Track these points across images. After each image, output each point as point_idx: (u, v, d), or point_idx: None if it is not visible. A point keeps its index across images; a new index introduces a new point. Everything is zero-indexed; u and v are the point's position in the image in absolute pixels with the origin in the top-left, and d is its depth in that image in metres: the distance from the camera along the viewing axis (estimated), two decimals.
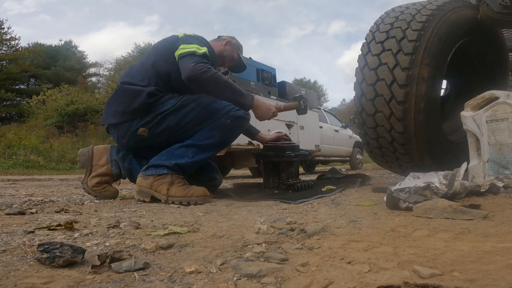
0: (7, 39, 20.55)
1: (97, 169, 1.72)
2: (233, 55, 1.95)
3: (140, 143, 1.67)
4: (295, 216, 1.10)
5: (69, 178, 5.40)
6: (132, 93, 1.59)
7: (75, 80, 22.01)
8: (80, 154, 1.76)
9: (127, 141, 1.67)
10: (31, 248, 0.70)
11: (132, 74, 1.69)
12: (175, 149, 1.60)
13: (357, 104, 1.84)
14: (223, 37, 1.99)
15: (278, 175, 1.93)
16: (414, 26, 1.67)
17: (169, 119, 1.59)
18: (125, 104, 1.60)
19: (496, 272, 0.50)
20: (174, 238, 0.83)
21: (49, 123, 14.34)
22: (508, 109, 1.42)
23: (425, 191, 1.13)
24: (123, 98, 1.62)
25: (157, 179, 1.53)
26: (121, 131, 1.65)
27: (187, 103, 1.61)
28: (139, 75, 1.65)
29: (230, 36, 2.01)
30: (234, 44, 1.95)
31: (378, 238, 0.75)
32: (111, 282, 0.54)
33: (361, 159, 8.52)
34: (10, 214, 1.19)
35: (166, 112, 1.59)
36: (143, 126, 1.60)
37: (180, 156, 1.58)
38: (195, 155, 1.60)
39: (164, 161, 1.56)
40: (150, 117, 1.59)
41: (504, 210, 0.99)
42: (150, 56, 1.71)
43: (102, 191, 1.70)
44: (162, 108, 1.59)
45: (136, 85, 1.61)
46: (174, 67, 1.59)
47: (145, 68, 1.66)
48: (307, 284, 0.51)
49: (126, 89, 1.62)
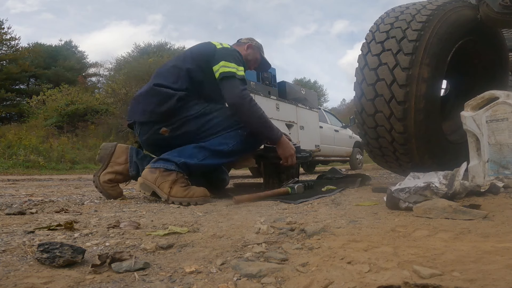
0: (7, 39, 20.54)
1: (113, 166, 1.74)
2: (256, 57, 2.04)
3: (159, 142, 1.73)
4: (295, 216, 1.10)
5: (69, 178, 5.40)
6: (164, 96, 1.65)
7: (75, 80, 21.99)
8: (103, 148, 1.78)
9: (147, 138, 1.73)
10: (31, 248, 0.70)
11: (165, 75, 1.75)
12: (188, 149, 1.65)
13: (357, 104, 1.84)
14: (242, 40, 2.07)
15: (278, 176, 1.94)
16: (414, 26, 1.67)
17: (191, 123, 1.67)
18: (154, 105, 1.66)
19: (496, 272, 0.50)
20: (174, 238, 0.83)
21: (49, 123, 14.32)
22: (508, 109, 1.42)
23: (425, 191, 1.13)
24: (154, 99, 1.68)
25: (163, 174, 1.55)
26: (144, 128, 1.72)
27: (210, 112, 1.69)
28: (172, 77, 1.72)
29: (249, 38, 2.08)
30: (255, 46, 2.03)
31: (378, 238, 0.75)
32: (111, 282, 0.54)
33: (361, 159, 8.52)
34: (10, 214, 1.19)
35: (190, 117, 1.66)
36: (166, 126, 1.67)
37: (190, 156, 1.62)
38: (205, 158, 1.64)
39: (174, 157, 1.60)
40: (175, 119, 1.66)
41: (504, 210, 0.99)
42: (186, 61, 1.76)
43: (110, 189, 1.72)
44: (187, 113, 1.66)
45: (169, 87, 1.67)
46: (208, 78, 1.70)
47: (179, 71, 1.72)
48: (307, 284, 0.51)
49: (158, 91, 1.68)
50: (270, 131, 1.73)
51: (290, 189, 1.65)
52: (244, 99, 1.63)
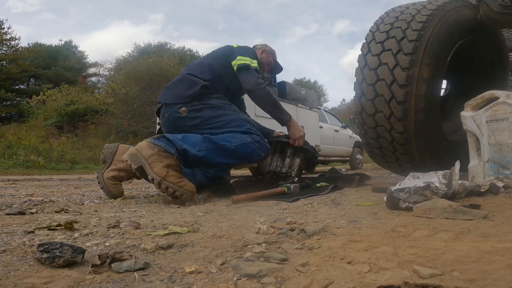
0: (7, 39, 20.54)
1: (117, 163, 1.78)
2: (270, 60, 2.32)
3: (176, 122, 1.88)
4: (295, 216, 1.10)
5: (69, 178, 5.40)
6: (191, 82, 1.89)
7: (75, 80, 21.98)
8: (106, 148, 1.87)
9: (168, 117, 1.91)
10: (31, 248, 0.70)
11: (193, 68, 2.01)
12: (193, 136, 1.72)
13: (357, 104, 1.84)
14: (257, 46, 2.34)
15: (283, 160, 2.06)
16: (414, 26, 1.67)
17: (207, 111, 1.84)
18: (182, 89, 1.89)
19: (496, 272, 0.50)
20: (174, 238, 0.83)
21: (49, 123, 14.32)
22: (508, 109, 1.42)
23: (425, 191, 1.13)
24: (182, 85, 1.91)
25: (161, 154, 1.55)
26: (168, 108, 1.90)
27: (226, 108, 1.89)
28: (198, 69, 1.97)
29: (263, 44, 2.37)
30: (268, 51, 2.31)
31: (378, 238, 0.75)
32: (111, 282, 0.54)
33: (361, 159, 8.52)
34: (10, 214, 1.19)
35: (208, 105, 1.85)
36: (186, 107, 1.85)
37: (193, 144, 1.66)
38: (206, 150, 1.68)
39: (177, 140, 1.62)
40: (195, 103, 1.85)
41: (504, 210, 0.99)
42: (209, 59, 2.05)
43: (112, 186, 1.73)
44: (206, 101, 1.86)
45: (196, 76, 1.91)
46: (226, 73, 1.96)
47: (203, 66, 1.98)
48: (307, 284, 0.51)
49: (187, 78, 1.92)
50: (281, 113, 2.01)
51: (287, 189, 1.68)
52: (258, 86, 1.90)
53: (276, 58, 2.40)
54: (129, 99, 14.56)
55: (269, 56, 2.30)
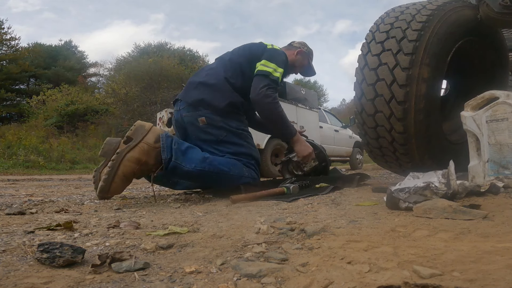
0: (7, 39, 20.55)
1: None
2: (303, 64, 2.17)
3: (188, 126, 1.83)
4: (295, 216, 1.10)
5: (69, 178, 5.40)
6: (222, 91, 1.80)
7: (75, 80, 22.00)
8: (107, 143, 1.74)
9: (183, 116, 1.84)
10: (31, 248, 0.70)
11: (227, 68, 1.88)
12: (196, 152, 1.66)
13: (357, 104, 1.84)
14: (294, 44, 2.18)
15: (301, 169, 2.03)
16: (414, 26, 1.67)
17: (223, 133, 1.78)
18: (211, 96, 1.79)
19: (496, 272, 0.50)
20: (174, 238, 0.83)
21: (49, 123, 14.33)
22: (508, 109, 1.42)
23: (425, 191, 1.13)
24: (212, 90, 1.81)
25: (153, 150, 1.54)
26: (189, 109, 1.82)
27: (242, 138, 1.83)
28: (230, 71, 1.87)
29: (301, 42, 2.19)
30: (304, 53, 2.15)
31: (378, 238, 0.75)
32: (111, 282, 0.54)
33: (361, 159, 8.52)
34: (10, 214, 1.19)
35: (227, 128, 1.78)
36: (206, 119, 1.77)
37: (188, 161, 1.60)
38: (199, 172, 1.62)
39: (176, 150, 1.58)
40: (217, 119, 1.78)
41: (504, 210, 0.99)
42: (240, 56, 1.93)
43: None
44: (228, 122, 1.79)
45: (229, 82, 1.82)
46: None
47: (234, 66, 1.89)
48: (307, 284, 0.51)
49: (222, 83, 1.82)
50: (286, 128, 1.87)
51: (286, 189, 1.67)
52: (262, 96, 1.74)
53: (312, 60, 2.26)
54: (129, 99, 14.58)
55: (304, 59, 2.17)
